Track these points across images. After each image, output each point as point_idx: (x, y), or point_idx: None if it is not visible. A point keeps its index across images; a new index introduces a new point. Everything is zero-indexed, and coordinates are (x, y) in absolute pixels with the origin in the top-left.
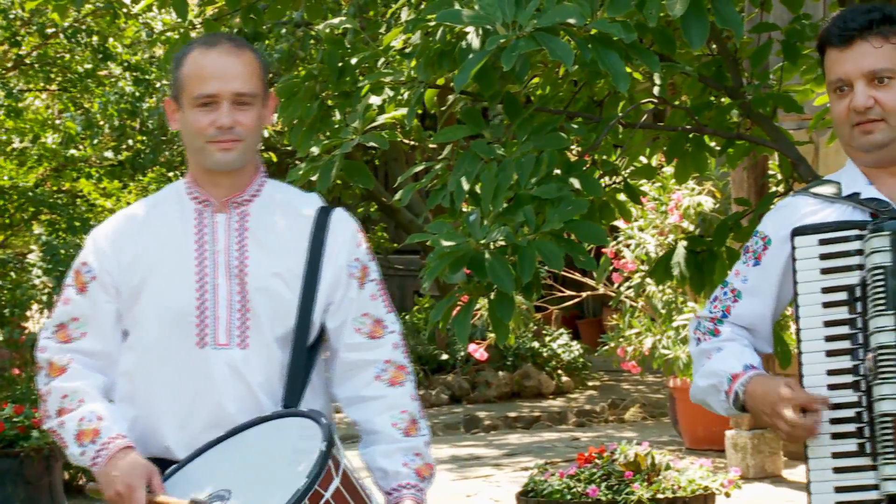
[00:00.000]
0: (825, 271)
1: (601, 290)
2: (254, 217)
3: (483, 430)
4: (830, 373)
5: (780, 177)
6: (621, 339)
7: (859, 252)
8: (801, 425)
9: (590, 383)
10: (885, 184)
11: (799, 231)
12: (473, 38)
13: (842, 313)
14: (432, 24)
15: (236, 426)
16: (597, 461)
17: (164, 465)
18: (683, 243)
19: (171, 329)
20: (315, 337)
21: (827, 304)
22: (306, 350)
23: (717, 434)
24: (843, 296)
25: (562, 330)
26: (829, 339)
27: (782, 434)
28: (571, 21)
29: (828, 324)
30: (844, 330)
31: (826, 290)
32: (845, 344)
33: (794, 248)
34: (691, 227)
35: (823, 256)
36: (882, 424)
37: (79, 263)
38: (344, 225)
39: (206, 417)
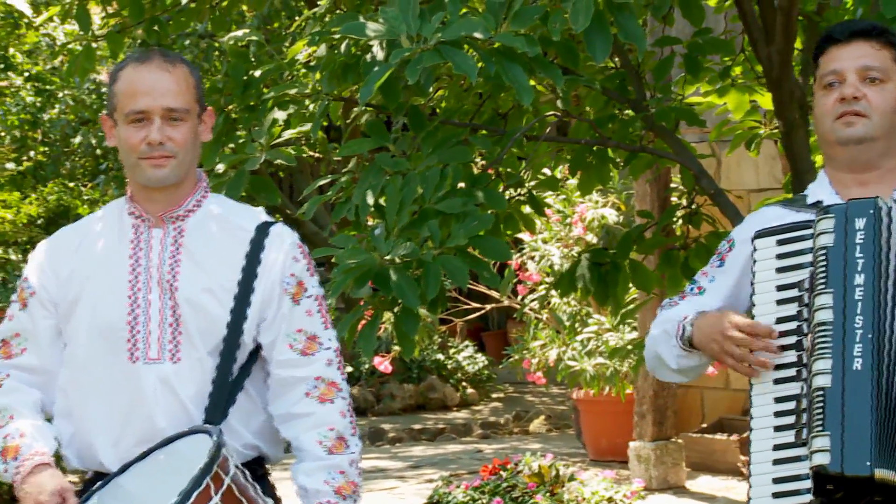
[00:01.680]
0: (780, 270)
1: (506, 303)
2: (190, 232)
3: (388, 442)
4: (778, 367)
5: (682, 189)
6: (526, 351)
7: (812, 249)
8: (755, 345)
9: (495, 395)
10: (851, 193)
11: (760, 234)
12: (378, 51)
13: (792, 309)
14: (337, 36)
15: (161, 440)
16: (501, 473)
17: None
18: (587, 256)
19: (103, 344)
20: (250, 352)
21: (780, 301)
22: (234, 365)
23: (620, 445)
24: (793, 292)
25: (467, 342)
26: (779, 334)
27: (732, 362)
28: (476, 35)
29: (779, 320)
30: (793, 325)
31: (780, 288)
32: (792, 339)
33: (754, 250)
34: (595, 240)
35: (780, 256)
36: (814, 400)
37: (22, 279)
38: (281, 240)
39: (138, 432)
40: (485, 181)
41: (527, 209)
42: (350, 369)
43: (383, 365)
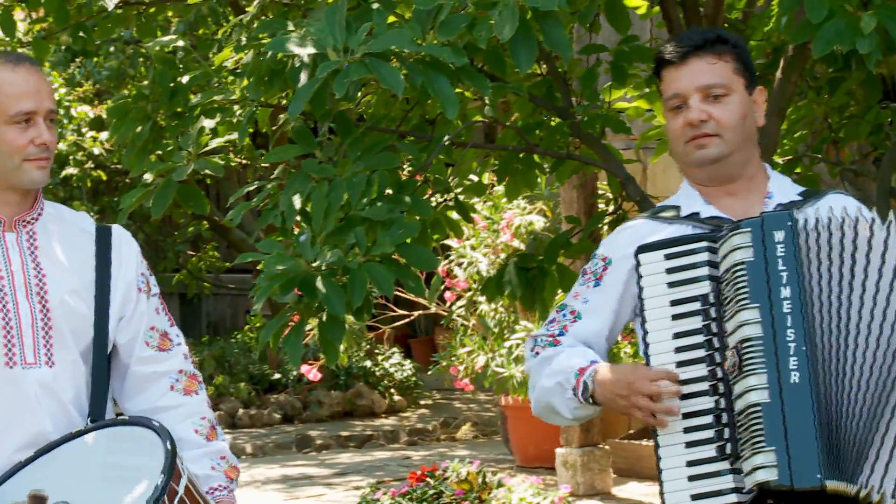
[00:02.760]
0: (672, 284)
1: (433, 309)
2: (40, 235)
3: (315, 449)
4: (683, 382)
5: (609, 196)
6: (453, 358)
7: (708, 263)
8: (664, 393)
9: (422, 402)
10: (722, 202)
11: (643, 248)
12: (305, 57)
13: (693, 323)
14: (264, 42)
15: (52, 441)
16: (429, 480)
17: None
18: (515, 260)
19: None
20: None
21: (676, 316)
22: (106, 363)
23: (547, 452)
24: (694, 306)
25: (394, 349)
26: (680, 349)
27: (642, 416)
28: (403, 48)
29: (677, 335)
30: (697, 339)
31: (675, 303)
32: (699, 353)
33: (638, 265)
34: (522, 246)
35: (670, 270)
36: (750, 416)
37: None
38: (127, 240)
39: (20, 438)
40: (411, 188)
41: (454, 215)
42: (277, 376)
43: (311, 372)
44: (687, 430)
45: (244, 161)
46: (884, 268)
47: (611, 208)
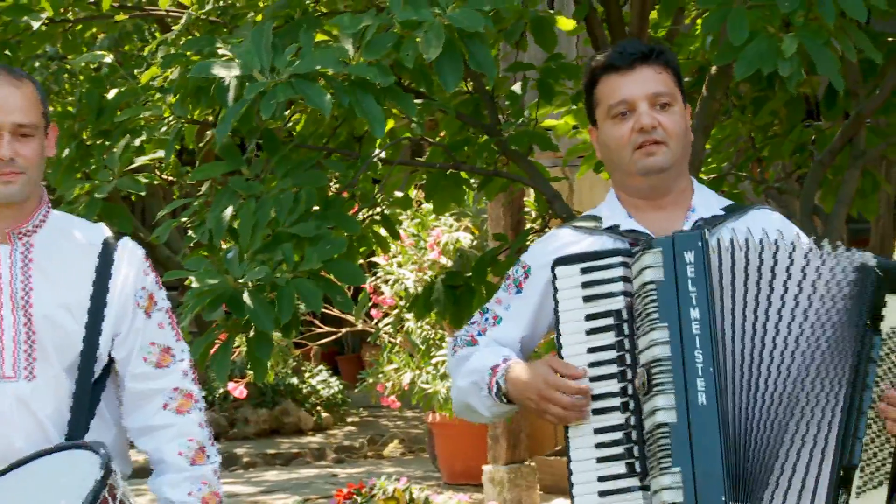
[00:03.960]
0: (587, 299)
1: (360, 326)
2: (38, 247)
3: (241, 467)
4: (595, 398)
5: (535, 213)
6: (380, 375)
7: (623, 278)
8: (572, 405)
9: (349, 419)
10: (646, 217)
11: (560, 261)
12: (231, 79)
13: (607, 339)
14: (191, 59)
15: (18, 460)
16: (356, 497)
17: None
18: (442, 278)
19: None
20: (104, 368)
21: (590, 331)
22: (92, 381)
23: (474, 469)
24: (608, 321)
25: (321, 366)
26: (593, 364)
27: (551, 417)
28: (329, 69)
29: (591, 350)
30: (610, 355)
31: (589, 318)
32: (611, 368)
33: (554, 277)
34: (449, 263)
35: (585, 284)
36: (657, 436)
37: None
38: (130, 254)
39: None
40: (339, 205)
41: (381, 231)
42: (203, 394)
43: (237, 390)
44: (598, 446)
45: (170, 178)
46: (800, 293)
47: (537, 225)
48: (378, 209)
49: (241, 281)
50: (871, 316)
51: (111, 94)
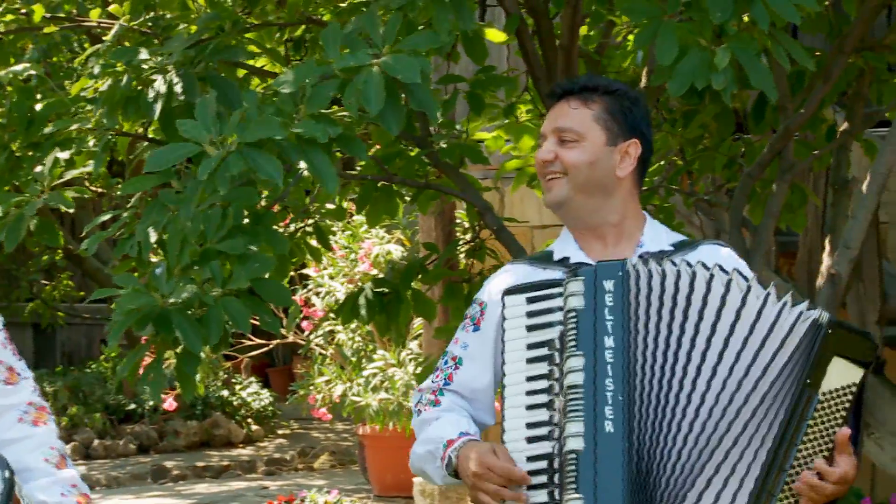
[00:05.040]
0: (530, 328)
1: (291, 339)
2: None
3: (171, 479)
4: (529, 426)
5: (467, 224)
6: (311, 387)
7: (562, 309)
8: (496, 493)
9: (280, 431)
10: (593, 248)
11: (509, 291)
12: (161, 84)
13: (542, 368)
14: (120, 70)
15: None
16: None
17: None
18: (370, 285)
19: None
20: None
21: (530, 360)
22: None
23: (405, 481)
24: (543, 351)
25: (252, 378)
26: (530, 393)
27: (482, 501)
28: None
29: (529, 379)
30: (544, 384)
31: (530, 347)
32: (544, 397)
33: (503, 307)
34: (381, 275)
35: (529, 314)
36: (567, 463)
37: None
38: None
39: None
40: (269, 219)
41: (313, 242)
42: (133, 406)
43: (167, 402)
44: (529, 474)
45: (101, 190)
46: (717, 325)
47: (468, 237)
48: (310, 221)
49: (168, 299)
50: (813, 374)
51: (39, 107)
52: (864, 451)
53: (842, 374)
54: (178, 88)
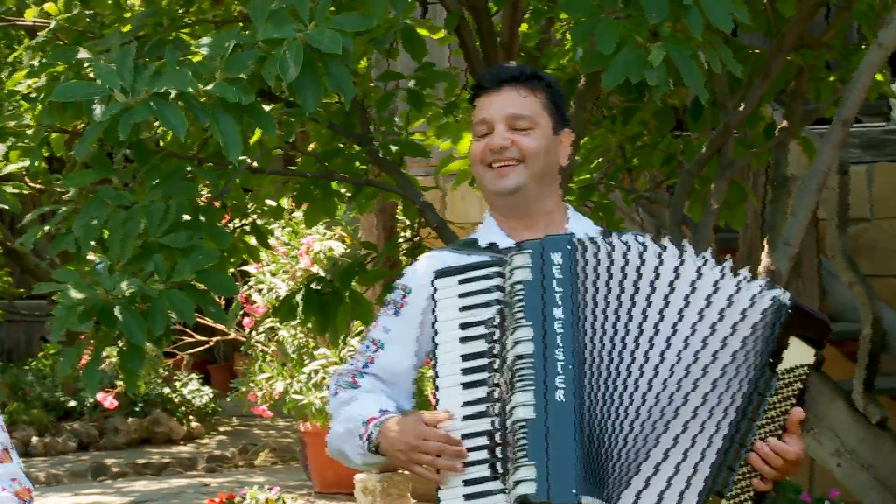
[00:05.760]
0: (465, 308)
1: (232, 335)
2: None
3: (111, 477)
4: (465, 404)
5: (407, 222)
6: (252, 384)
7: (498, 288)
8: (439, 450)
9: (221, 429)
10: (522, 236)
11: (440, 273)
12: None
13: (479, 346)
14: (57, 67)
15: None
16: None
17: None
18: (309, 284)
19: None
20: None
21: (465, 339)
22: None
23: (346, 477)
24: (481, 329)
25: (192, 375)
26: (466, 371)
27: (420, 470)
28: (183, 88)
29: (465, 358)
30: (481, 362)
31: (465, 326)
32: (481, 375)
33: (435, 289)
34: (322, 272)
35: (463, 295)
36: (516, 432)
37: None
38: None
39: None
40: (210, 214)
41: (252, 241)
42: (73, 403)
43: (108, 400)
44: (467, 451)
45: (40, 186)
46: (671, 297)
47: (408, 234)
48: (249, 219)
49: (111, 293)
50: (773, 353)
51: None
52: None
53: (798, 354)
54: None
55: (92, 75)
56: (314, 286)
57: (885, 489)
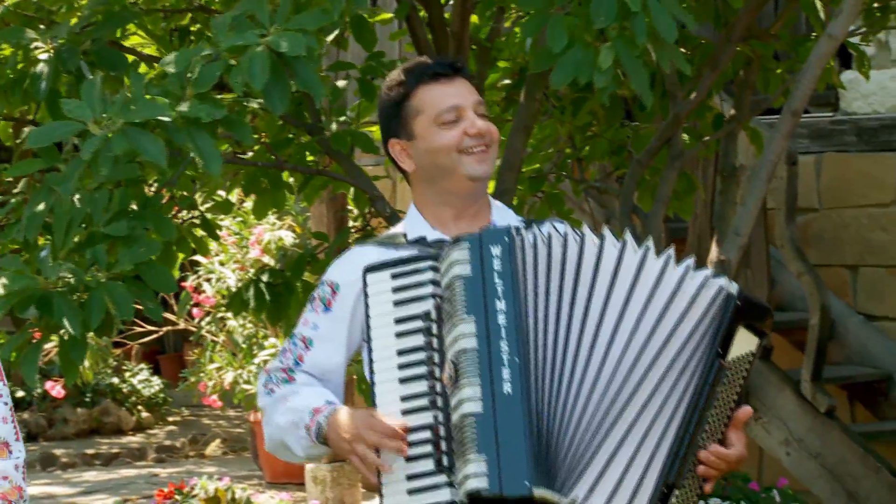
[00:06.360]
0: (398, 303)
1: (182, 325)
2: None
3: (60, 468)
4: (404, 399)
5: (357, 212)
6: (202, 374)
7: (433, 282)
8: (380, 443)
9: (170, 419)
10: (449, 228)
11: (371, 269)
12: (44, 67)
13: (416, 340)
14: (6, 52)
15: None
16: (176, 497)
17: None
18: (261, 275)
19: None
20: None
21: (400, 334)
22: None
23: (296, 468)
24: (417, 324)
25: (142, 365)
26: (403, 366)
27: (358, 463)
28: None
29: (401, 353)
30: (419, 356)
31: (399, 321)
32: (420, 370)
33: (366, 285)
34: (272, 262)
35: (396, 290)
36: (463, 427)
37: None
38: None
39: None
40: (157, 204)
41: (200, 232)
42: (21, 393)
43: (56, 389)
44: (408, 446)
45: None
46: (613, 287)
47: (359, 224)
48: (197, 211)
49: (51, 282)
50: (722, 343)
51: None
52: (752, 436)
53: (744, 343)
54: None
55: (42, 58)
56: (265, 278)
57: (833, 477)
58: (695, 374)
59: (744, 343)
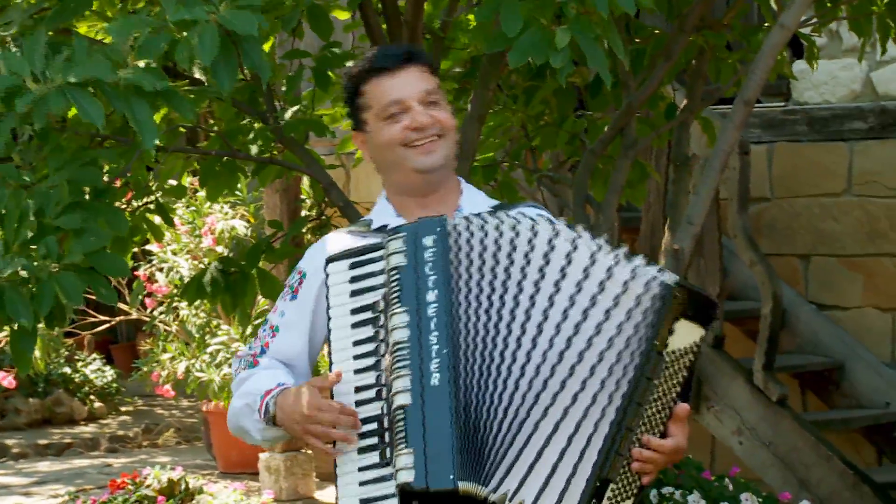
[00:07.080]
0: (354, 293)
1: (135, 315)
2: None
3: (12, 458)
4: (358, 390)
5: (312, 200)
6: (155, 364)
7: (384, 271)
8: (332, 422)
9: (123, 409)
10: (415, 214)
11: (331, 259)
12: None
13: (368, 331)
14: None
15: None
16: (129, 487)
17: None
18: (216, 264)
19: None
20: None
21: (355, 325)
22: None
23: (250, 457)
24: (368, 314)
25: (94, 355)
26: (357, 357)
27: (314, 441)
28: (103, 77)
29: (356, 343)
30: (370, 346)
31: (355, 311)
32: (371, 360)
33: (327, 275)
34: (225, 251)
35: (353, 279)
36: (396, 419)
37: None
38: None
39: None
40: (110, 194)
41: (156, 219)
42: None
43: (7, 380)
44: (359, 437)
45: None
46: (544, 274)
47: (314, 213)
48: (152, 197)
49: (2, 274)
50: (660, 335)
51: None
52: (704, 425)
53: (685, 334)
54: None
55: None
56: (220, 267)
57: (784, 466)
58: (630, 365)
59: (686, 334)
